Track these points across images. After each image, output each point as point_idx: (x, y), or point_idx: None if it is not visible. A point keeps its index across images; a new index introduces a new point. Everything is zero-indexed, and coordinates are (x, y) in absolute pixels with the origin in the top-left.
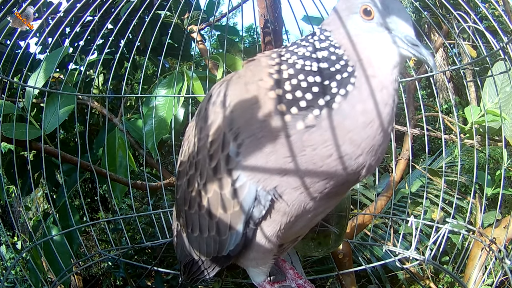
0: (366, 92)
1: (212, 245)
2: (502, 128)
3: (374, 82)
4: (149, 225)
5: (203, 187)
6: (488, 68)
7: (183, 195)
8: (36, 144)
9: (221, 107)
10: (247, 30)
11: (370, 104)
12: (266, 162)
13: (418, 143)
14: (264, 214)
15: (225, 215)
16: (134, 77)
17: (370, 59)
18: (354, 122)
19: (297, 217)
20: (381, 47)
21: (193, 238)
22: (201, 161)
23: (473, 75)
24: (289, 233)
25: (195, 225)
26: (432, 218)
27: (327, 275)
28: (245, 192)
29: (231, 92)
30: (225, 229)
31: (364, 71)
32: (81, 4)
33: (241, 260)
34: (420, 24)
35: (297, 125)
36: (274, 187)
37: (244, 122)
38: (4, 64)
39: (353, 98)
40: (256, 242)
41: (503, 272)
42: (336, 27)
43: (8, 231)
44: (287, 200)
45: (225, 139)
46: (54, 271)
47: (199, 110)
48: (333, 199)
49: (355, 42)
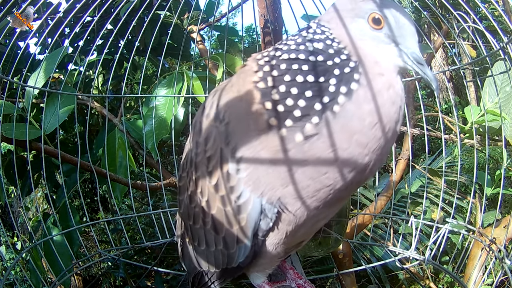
0: (373, 91)
1: (221, 258)
2: (502, 128)
3: (381, 80)
4: (149, 225)
5: (206, 204)
6: (488, 68)
7: (187, 210)
8: (36, 144)
9: (215, 119)
10: (247, 30)
11: (378, 104)
12: (268, 175)
13: (418, 143)
14: (272, 226)
15: (232, 230)
16: (134, 77)
17: (375, 58)
18: (360, 123)
19: (301, 224)
20: (386, 54)
21: (200, 251)
22: (201, 178)
23: (473, 75)
24: (293, 239)
25: (201, 239)
26: (432, 218)
27: (327, 275)
28: (250, 207)
29: (225, 102)
30: (233, 243)
31: (370, 68)
32: (80, 5)
33: (250, 268)
34: (420, 24)
35: (296, 138)
36: (278, 198)
37: (240, 135)
38: (4, 64)
39: (359, 98)
40: (265, 251)
41: (503, 272)
42: (337, 26)
43: (8, 231)
44: (291, 210)
45: (222, 155)
46: (54, 272)
47: (194, 124)
48: (336, 204)
49: (359, 43)
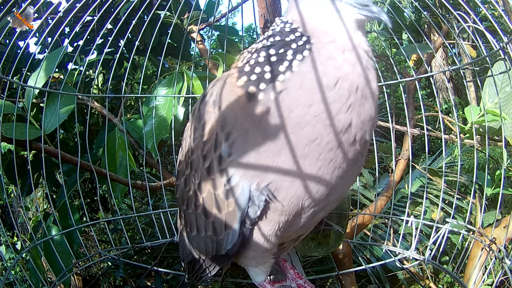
0: (325, 55)
1: (210, 245)
2: (502, 128)
3: (333, 45)
4: (149, 225)
5: (198, 187)
6: (488, 68)
7: (182, 195)
8: (36, 144)
9: (213, 106)
10: (247, 30)
11: (333, 65)
12: (258, 156)
13: (418, 143)
14: (260, 214)
15: (220, 215)
16: (134, 77)
17: (324, 29)
18: (317, 82)
19: (295, 215)
20: (333, 16)
21: (192, 237)
22: (195, 161)
23: (473, 75)
24: (288, 232)
25: (192, 224)
26: (432, 218)
27: (327, 275)
28: (239, 192)
29: (222, 91)
30: (221, 229)
31: (320, 38)
32: (80, 4)
33: (241, 260)
34: (420, 24)
35: (271, 96)
36: (268, 184)
37: (233, 119)
38: (4, 64)
39: (310, 62)
40: (254, 241)
41: (503, 272)
42: (291, 11)
43: (8, 231)
44: (283, 199)
45: (217, 139)
46: (54, 271)
47: (194, 110)
48: (333, 193)
49: (307, 16)
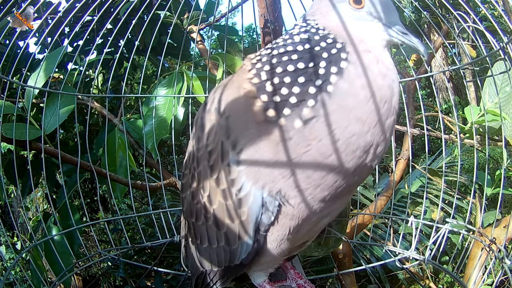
0: (363, 66)
1: (223, 255)
2: (502, 128)
3: (369, 56)
4: (149, 225)
5: (208, 199)
6: (488, 68)
7: (189, 208)
8: (36, 144)
9: (216, 114)
10: (247, 30)
11: (369, 78)
12: (269, 167)
13: (418, 143)
14: (273, 220)
15: (233, 225)
16: (134, 77)
17: (360, 37)
18: (355, 98)
19: (304, 219)
20: (371, 31)
21: (203, 249)
22: (202, 173)
23: (473, 75)
24: (297, 236)
25: (203, 236)
26: (432, 218)
27: (327, 275)
28: (251, 200)
29: (225, 98)
30: (235, 239)
31: (356, 46)
32: (80, 4)
33: (253, 267)
34: (419, 24)
35: (295, 124)
36: (279, 190)
37: (240, 128)
38: (4, 64)
39: (350, 74)
40: (268, 248)
41: (503, 272)
42: (321, 15)
43: (8, 231)
44: (294, 203)
45: (223, 148)
46: (54, 271)
47: (196, 119)
48: (341, 197)
49: (343, 26)
